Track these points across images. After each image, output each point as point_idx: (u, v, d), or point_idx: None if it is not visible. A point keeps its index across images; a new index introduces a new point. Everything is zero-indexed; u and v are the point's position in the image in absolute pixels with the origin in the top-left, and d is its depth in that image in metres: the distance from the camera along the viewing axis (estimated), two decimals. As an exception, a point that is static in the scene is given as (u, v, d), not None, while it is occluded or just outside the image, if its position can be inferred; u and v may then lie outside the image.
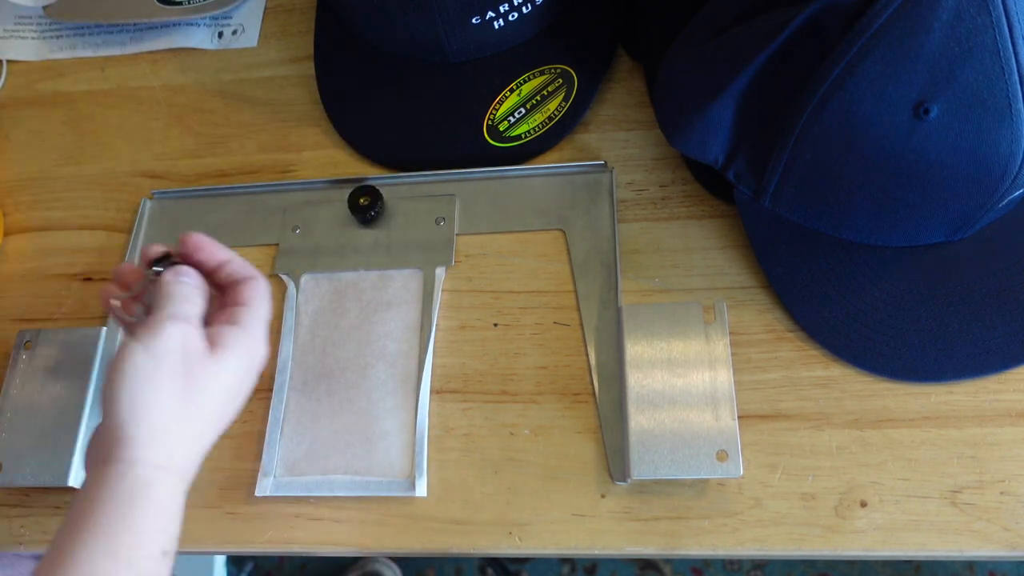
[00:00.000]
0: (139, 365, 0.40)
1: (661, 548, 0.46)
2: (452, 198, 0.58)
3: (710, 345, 0.49)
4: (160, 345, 0.41)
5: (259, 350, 0.45)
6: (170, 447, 0.40)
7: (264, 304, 0.46)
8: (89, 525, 0.38)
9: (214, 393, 0.42)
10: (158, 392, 0.40)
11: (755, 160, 0.49)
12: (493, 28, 0.59)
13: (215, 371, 0.42)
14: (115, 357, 0.41)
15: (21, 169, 0.66)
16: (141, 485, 0.39)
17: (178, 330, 0.41)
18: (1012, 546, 0.44)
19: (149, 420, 0.40)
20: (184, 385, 0.41)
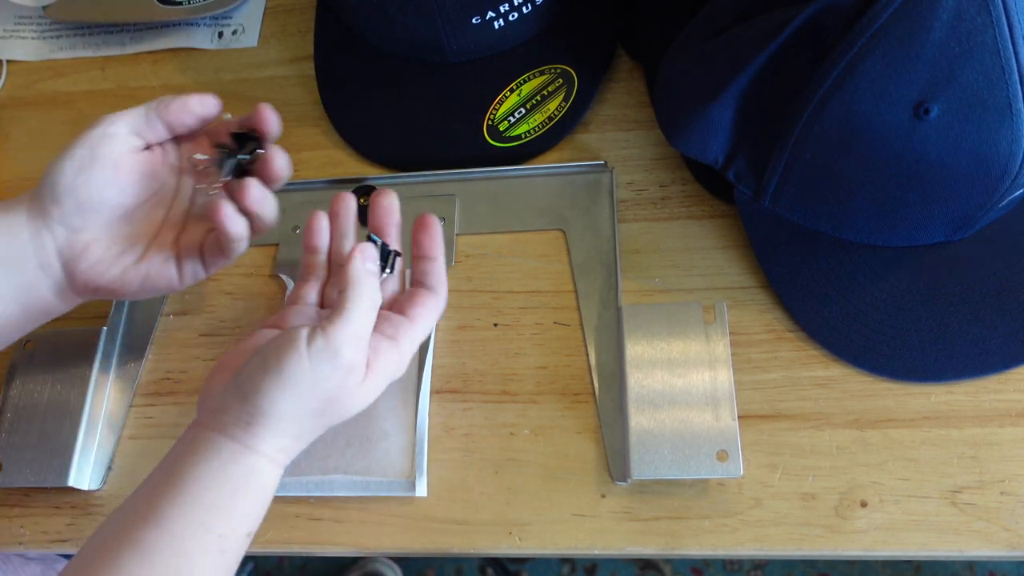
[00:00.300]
0: (297, 383, 0.39)
1: (661, 548, 0.46)
2: (452, 198, 0.58)
3: (710, 345, 0.49)
4: (328, 374, 0.40)
5: (401, 369, 0.44)
6: (288, 446, 0.41)
7: (429, 324, 0.45)
8: (191, 497, 0.38)
9: (348, 412, 0.42)
10: (299, 410, 0.40)
11: (755, 160, 0.49)
12: (493, 28, 0.59)
13: (359, 394, 0.42)
14: (280, 350, 0.39)
15: (21, 169, 0.66)
16: (251, 472, 0.40)
17: (351, 361, 0.40)
18: (1012, 546, 0.44)
19: (284, 424, 0.40)
20: (327, 408, 0.41)
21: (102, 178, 0.44)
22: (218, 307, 0.57)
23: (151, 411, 0.54)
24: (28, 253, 0.44)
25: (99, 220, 0.45)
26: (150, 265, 0.46)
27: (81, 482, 0.51)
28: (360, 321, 0.41)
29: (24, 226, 0.44)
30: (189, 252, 0.47)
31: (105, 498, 0.52)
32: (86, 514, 0.52)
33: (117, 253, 0.46)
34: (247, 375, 0.40)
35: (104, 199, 0.44)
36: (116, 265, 0.45)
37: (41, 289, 0.45)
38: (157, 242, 0.47)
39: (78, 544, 0.51)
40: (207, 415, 0.41)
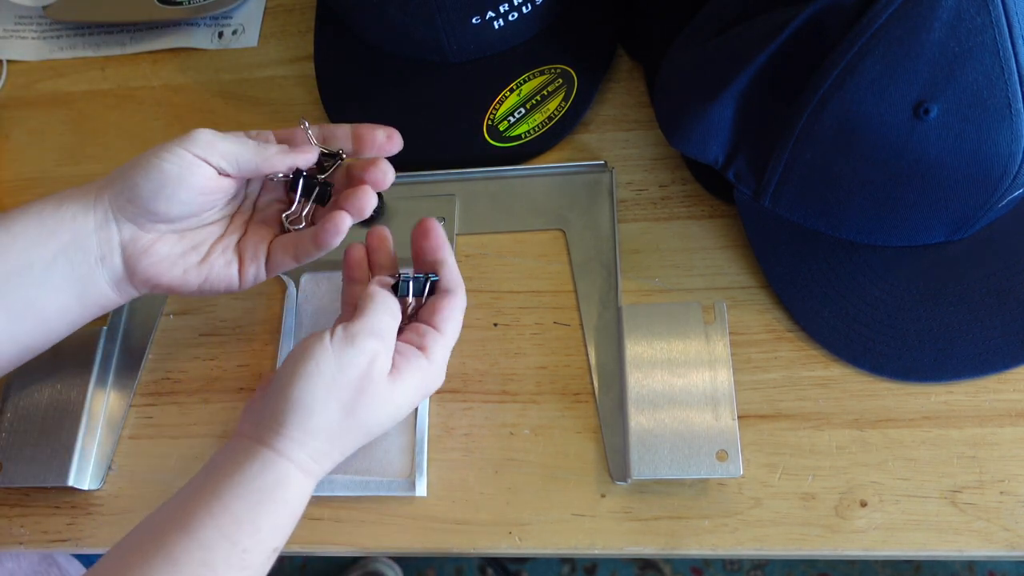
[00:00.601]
0: (323, 370, 0.40)
1: (661, 548, 0.46)
2: (452, 198, 0.58)
3: (710, 345, 0.49)
4: (350, 359, 0.41)
5: (437, 380, 0.44)
6: (318, 454, 0.41)
7: (457, 327, 0.45)
8: (222, 506, 0.38)
9: (378, 416, 0.42)
10: (328, 402, 0.40)
11: (755, 160, 0.49)
12: (493, 28, 0.59)
13: (388, 396, 0.42)
14: (307, 345, 0.41)
15: (21, 169, 0.66)
16: (281, 482, 0.40)
17: (372, 348, 0.41)
18: (1012, 546, 0.44)
19: (310, 424, 0.40)
20: (355, 403, 0.41)
21: (184, 198, 0.44)
22: (218, 307, 0.57)
23: (151, 411, 0.54)
24: (92, 244, 0.44)
25: (170, 226, 0.45)
26: (212, 267, 0.46)
27: (81, 482, 0.51)
28: (376, 319, 0.42)
29: (91, 216, 0.44)
30: (253, 255, 0.47)
31: (105, 498, 0.52)
32: (86, 514, 0.52)
33: (181, 253, 0.46)
34: (278, 377, 0.41)
35: (181, 214, 0.45)
36: (179, 264, 0.45)
37: (99, 281, 0.44)
38: (221, 244, 0.47)
39: (78, 544, 0.51)
40: (247, 424, 0.42)
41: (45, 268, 0.43)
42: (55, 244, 0.43)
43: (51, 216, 0.43)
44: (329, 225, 0.45)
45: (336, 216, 0.45)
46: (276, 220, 0.48)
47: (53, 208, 0.44)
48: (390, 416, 0.43)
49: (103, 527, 0.51)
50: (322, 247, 0.46)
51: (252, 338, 0.56)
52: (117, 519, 0.51)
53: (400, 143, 0.48)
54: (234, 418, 0.53)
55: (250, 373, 0.54)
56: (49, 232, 0.43)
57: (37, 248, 0.43)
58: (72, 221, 0.43)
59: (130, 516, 0.51)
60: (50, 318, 0.44)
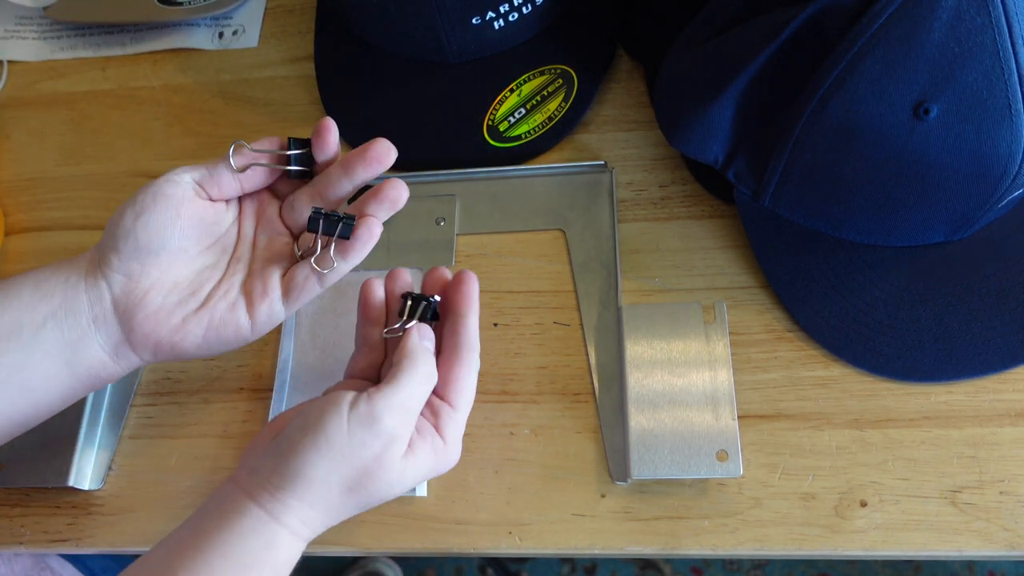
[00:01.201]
0: (333, 446, 0.38)
1: (661, 548, 0.47)
2: (452, 198, 0.58)
3: (710, 345, 0.49)
4: (364, 441, 0.38)
5: (451, 460, 0.42)
6: (314, 522, 0.39)
7: (471, 397, 0.43)
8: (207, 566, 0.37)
9: (381, 494, 0.40)
10: (330, 477, 0.38)
11: (755, 160, 0.49)
12: (493, 28, 0.59)
13: (396, 478, 0.40)
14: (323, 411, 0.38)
15: (22, 169, 0.66)
16: (270, 545, 0.38)
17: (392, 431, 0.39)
18: (1011, 546, 0.44)
19: (309, 496, 0.38)
20: (360, 483, 0.39)
21: (163, 220, 0.42)
22: (218, 307, 0.57)
23: (151, 411, 0.54)
24: (82, 306, 0.42)
25: (159, 265, 0.43)
26: (214, 312, 0.43)
27: (81, 482, 0.51)
28: (408, 392, 0.39)
29: (82, 278, 0.42)
30: (263, 291, 0.44)
31: (105, 498, 0.52)
32: (86, 514, 0.52)
33: (177, 301, 0.43)
34: (287, 434, 0.39)
35: (164, 241, 0.42)
36: (176, 314, 0.43)
37: (91, 345, 0.42)
38: (221, 288, 0.44)
39: (78, 544, 0.51)
40: (243, 473, 0.40)
41: (34, 332, 0.41)
42: (46, 307, 0.41)
43: (47, 280, 0.42)
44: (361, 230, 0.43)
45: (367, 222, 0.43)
46: (285, 255, 0.45)
47: (50, 272, 0.42)
48: (393, 493, 0.41)
49: (104, 527, 0.51)
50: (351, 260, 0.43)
51: (252, 338, 0.56)
52: (118, 519, 0.51)
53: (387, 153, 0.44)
54: (234, 418, 0.53)
55: (250, 373, 0.54)
56: (42, 296, 0.42)
57: (29, 311, 0.41)
58: (64, 283, 0.42)
59: (130, 516, 0.51)
60: (37, 387, 0.41)
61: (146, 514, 0.51)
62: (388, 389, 0.39)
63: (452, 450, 0.42)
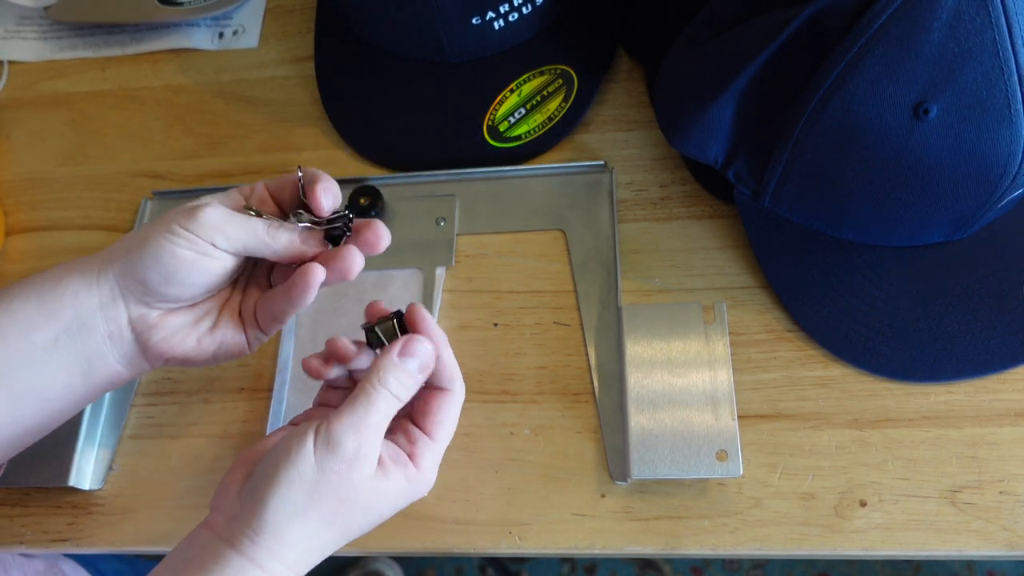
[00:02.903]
0: (304, 479, 0.37)
1: (661, 548, 0.47)
2: (452, 198, 0.58)
3: (710, 345, 0.49)
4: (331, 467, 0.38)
5: (424, 488, 0.41)
6: (294, 562, 0.38)
7: (451, 429, 0.42)
8: None
9: (359, 524, 0.40)
10: (307, 512, 0.38)
11: (755, 160, 0.49)
12: (493, 28, 0.59)
13: (371, 503, 0.39)
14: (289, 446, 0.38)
15: (22, 169, 0.66)
16: None
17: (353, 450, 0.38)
18: (1011, 545, 0.44)
19: (287, 535, 0.38)
20: (336, 513, 0.38)
21: (196, 281, 0.41)
22: (219, 307, 0.57)
23: (152, 411, 0.54)
24: (97, 322, 0.41)
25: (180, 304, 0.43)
26: (224, 333, 0.44)
27: (82, 482, 0.51)
28: (368, 409, 0.39)
29: (94, 293, 0.41)
30: (251, 319, 0.45)
31: (106, 498, 0.52)
32: (87, 514, 0.52)
33: (193, 323, 0.43)
34: (258, 477, 0.38)
35: (193, 296, 0.42)
36: (192, 335, 0.43)
37: (108, 359, 0.42)
38: (227, 309, 0.45)
39: (79, 544, 0.51)
40: (220, 518, 0.39)
41: (47, 350, 0.40)
42: (56, 324, 0.40)
43: (50, 293, 0.41)
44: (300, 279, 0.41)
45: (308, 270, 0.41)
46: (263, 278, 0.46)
47: (52, 285, 0.41)
48: (371, 522, 0.40)
49: (104, 527, 0.51)
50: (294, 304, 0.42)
51: (252, 338, 0.56)
52: (118, 519, 0.51)
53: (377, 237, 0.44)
54: (234, 418, 0.53)
55: (250, 373, 0.55)
56: (49, 312, 0.40)
57: (38, 330, 0.40)
58: (74, 298, 0.41)
59: (131, 516, 0.51)
60: (53, 399, 0.41)
61: (146, 514, 0.51)
62: (347, 410, 0.39)
63: (425, 478, 0.41)
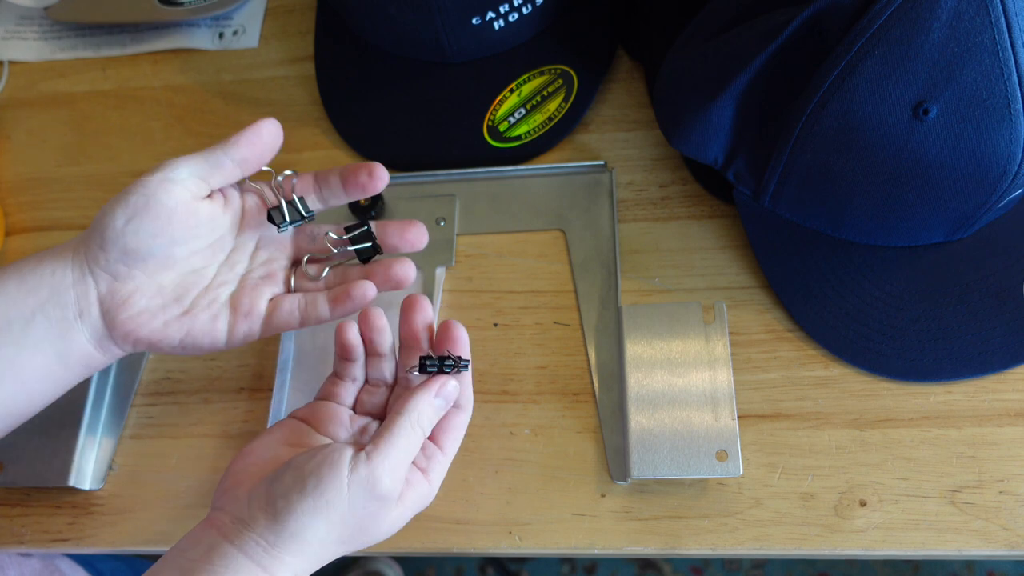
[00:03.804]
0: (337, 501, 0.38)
1: (661, 548, 0.47)
2: (452, 198, 0.58)
3: (710, 345, 0.49)
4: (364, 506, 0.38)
5: (429, 499, 0.43)
6: (304, 570, 0.39)
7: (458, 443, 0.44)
8: None
9: (370, 539, 0.41)
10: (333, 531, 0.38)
11: (755, 160, 0.49)
12: (493, 28, 0.59)
13: (387, 527, 0.40)
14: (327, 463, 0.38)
15: (22, 169, 0.66)
16: None
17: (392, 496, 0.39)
18: (1011, 545, 0.44)
19: (309, 548, 0.38)
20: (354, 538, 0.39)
21: (153, 227, 0.42)
22: (219, 307, 0.57)
23: (152, 411, 0.54)
24: (69, 299, 0.42)
25: (146, 268, 0.43)
26: (195, 320, 0.44)
27: (82, 482, 0.51)
28: (405, 451, 0.40)
29: (68, 271, 0.42)
30: (249, 311, 0.45)
31: (106, 498, 0.52)
32: (87, 513, 0.52)
33: (161, 304, 0.43)
34: (282, 492, 0.38)
35: (152, 249, 0.42)
36: (159, 317, 0.43)
37: (79, 338, 0.42)
38: (207, 297, 0.44)
39: (79, 544, 0.51)
40: (228, 520, 0.39)
41: (24, 326, 0.41)
42: (33, 301, 0.41)
43: (31, 272, 0.42)
44: (355, 292, 0.44)
45: (362, 286, 0.44)
46: (280, 279, 0.46)
47: (34, 264, 0.42)
48: (380, 539, 0.41)
49: (104, 527, 0.51)
50: (337, 315, 0.45)
51: (252, 338, 0.56)
52: (118, 519, 0.51)
53: (384, 177, 0.46)
54: (234, 418, 0.53)
55: (250, 373, 0.55)
56: (28, 289, 0.41)
57: (16, 306, 0.41)
58: (51, 276, 0.42)
59: (131, 516, 0.51)
60: (30, 379, 0.42)
61: (146, 514, 0.51)
62: (386, 448, 0.39)
63: (435, 489, 0.43)
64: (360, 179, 0.46)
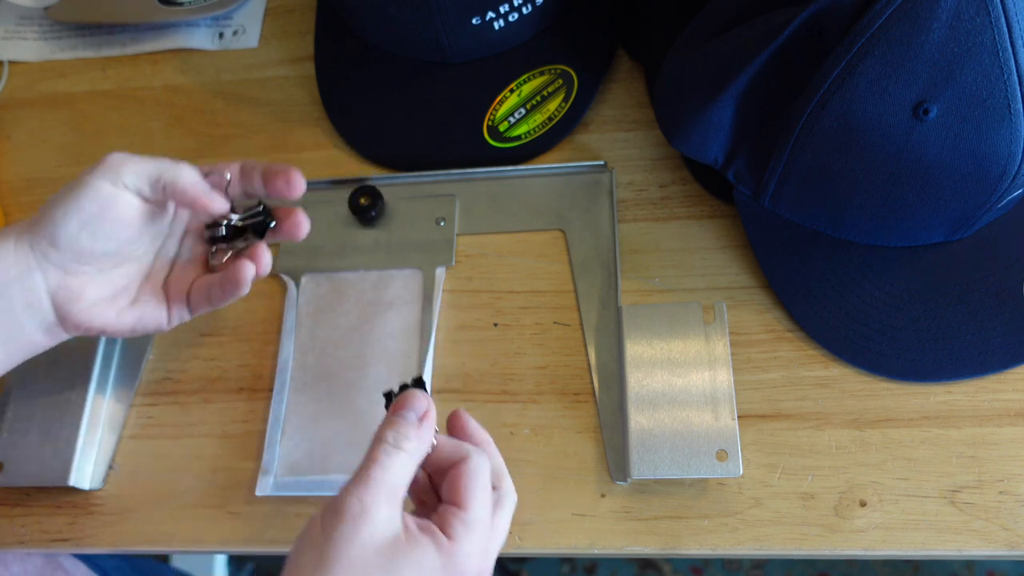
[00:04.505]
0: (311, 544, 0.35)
1: (661, 548, 0.47)
2: (452, 198, 0.58)
3: (710, 345, 0.49)
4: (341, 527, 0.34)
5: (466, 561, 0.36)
6: None
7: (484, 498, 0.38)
8: None
9: None
10: None
11: (755, 160, 0.49)
12: (493, 28, 0.59)
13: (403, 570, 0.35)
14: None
15: (22, 169, 0.66)
16: None
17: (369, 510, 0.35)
18: (1011, 545, 0.44)
19: None
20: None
21: (107, 233, 0.43)
22: (219, 307, 0.57)
23: (152, 411, 0.54)
24: (13, 292, 0.43)
25: (97, 265, 0.44)
26: (144, 308, 0.46)
27: (82, 482, 0.51)
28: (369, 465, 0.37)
29: (10, 264, 0.43)
30: (177, 297, 0.47)
31: (106, 498, 0.52)
32: (87, 513, 0.52)
33: (112, 296, 0.45)
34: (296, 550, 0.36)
35: (106, 250, 0.44)
36: (111, 307, 0.45)
37: (27, 328, 0.44)
38: (149, 284, 0.47)
39: (79, 544, 0.51)
40: None
41: None
42: None
43: None
44: (233, 275, 0.45)
45: (241, 266, 0.45)
46: (201, 259, 0.48)
47: None
48: None
49: (104, 527, 0.51)
50: (228, 296, 0.46)
51: (252, 338, 0.56)
52: (118, 519, 0.51)
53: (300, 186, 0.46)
54: (234, 418, 0.53)
55: (250, 373, 0.55)
56: None
57: None
58: None
59: (131, 516, 0.51)
60: None
61: (146, 514, 0.51)
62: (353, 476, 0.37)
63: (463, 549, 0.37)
64: (278, 185, 0.46)
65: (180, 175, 0.44)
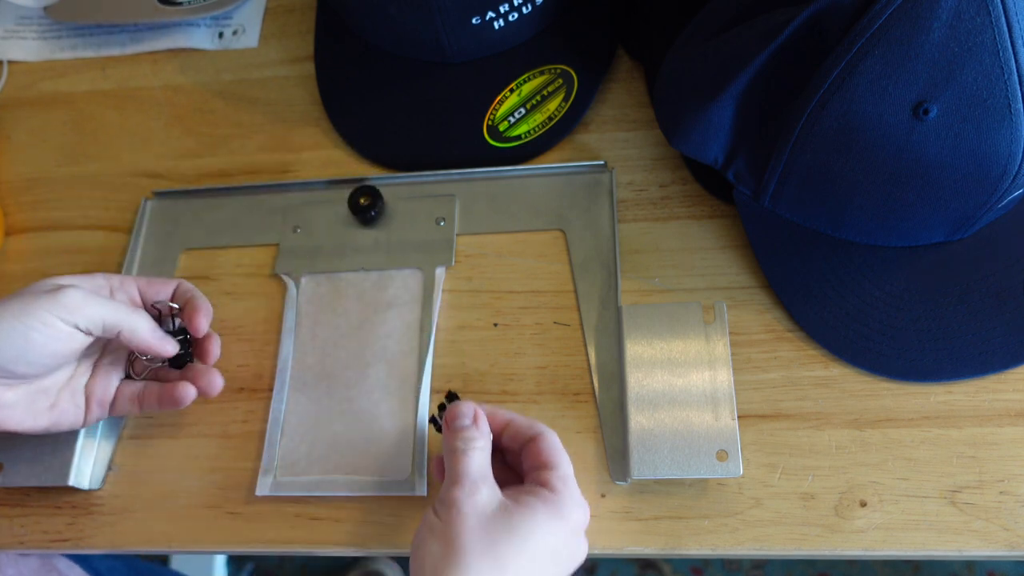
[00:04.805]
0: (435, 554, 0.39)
1: (661, 548, 0.47)
2: (452, 198, 0.58)
3: (710, 345, 0.49)
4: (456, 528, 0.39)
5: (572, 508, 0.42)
6: None
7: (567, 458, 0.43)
8: None
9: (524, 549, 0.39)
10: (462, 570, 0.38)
11: (755, 160, 0.49)
12: (493, 28, 0.59)
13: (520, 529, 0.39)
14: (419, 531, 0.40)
15: (22, 169, 0.66)
16: None
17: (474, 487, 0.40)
18: (1011, 545, 0.44)
19: None
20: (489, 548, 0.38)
21: (47, 362, 0.45)
22: (218, 307, 0.57)
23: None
24: None
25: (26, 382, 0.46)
26: (62, 412, 0.47)
27: (81, 482, 0.51)
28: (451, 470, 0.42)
29: None
30: (100, 399, 0.48)
31: (105, 498, 0.52)
32: (87, 514, 0.52)
33: (30, 400, 0.46)
34: None
35: (39, 374, 0.46)
36: (29, 412, 0.46)
37: None
38: (69, 388, 0.48)
39: (78, 544, 0.51)
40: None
41: None
42: None
43: None
44: (176, 394, 0.48)
45: (183, 388, 0.48)
46: (123, 364, 0.50)
47: None
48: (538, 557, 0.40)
49: (104, 527, 0.51)
50: (163, 408, 0.48)
51: (252, 338, 0.56)
52: (117, 519, 0.51)
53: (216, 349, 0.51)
54: (234, 418, 0.53)
55: (250, 373, 0.54)
56: None
57: None
58: None
59: (130, 516, 0.51)
60: None
61: (146, 514, 0.51)
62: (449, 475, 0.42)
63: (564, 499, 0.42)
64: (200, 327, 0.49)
65: (137, 328, 0.46)
